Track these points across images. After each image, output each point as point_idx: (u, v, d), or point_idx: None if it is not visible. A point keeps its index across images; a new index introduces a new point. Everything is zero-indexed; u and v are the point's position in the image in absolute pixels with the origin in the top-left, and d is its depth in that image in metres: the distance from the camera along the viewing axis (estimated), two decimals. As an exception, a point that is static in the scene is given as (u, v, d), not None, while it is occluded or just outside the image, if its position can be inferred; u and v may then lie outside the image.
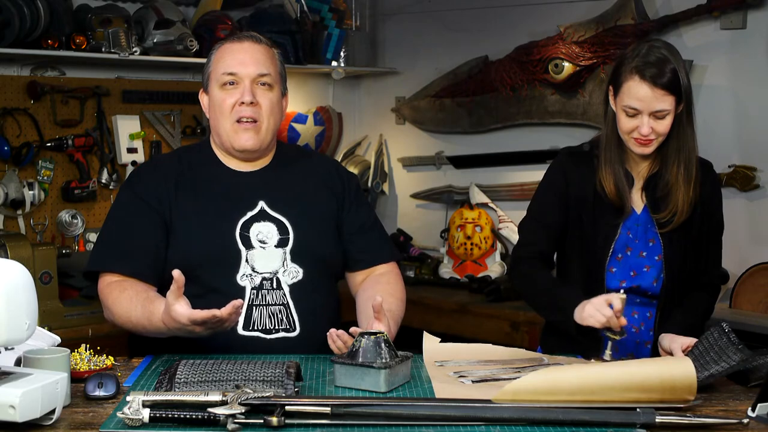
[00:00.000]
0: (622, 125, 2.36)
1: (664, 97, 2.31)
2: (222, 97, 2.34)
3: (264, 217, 2.35)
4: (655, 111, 2.31)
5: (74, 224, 3.95)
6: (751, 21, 3.84)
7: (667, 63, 2.31)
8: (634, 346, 2.44)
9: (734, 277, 3.72)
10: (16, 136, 3.81)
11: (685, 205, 2.39)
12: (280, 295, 2.31)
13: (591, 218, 2.44)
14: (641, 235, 2.44)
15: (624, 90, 2.35)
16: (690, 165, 2.40)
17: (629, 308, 2.42)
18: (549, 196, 2.51)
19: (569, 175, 2.48)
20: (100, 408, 1.82)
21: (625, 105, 2.34)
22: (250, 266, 2.30)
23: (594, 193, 2.44)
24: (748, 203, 3.87)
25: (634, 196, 2.45)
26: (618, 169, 2.42)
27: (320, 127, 4.94)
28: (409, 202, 5.01)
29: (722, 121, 3.93)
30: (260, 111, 2.34)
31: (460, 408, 1.75)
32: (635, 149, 2.38)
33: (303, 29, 4.49)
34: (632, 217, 2.44)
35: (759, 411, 1.78)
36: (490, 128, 4.64)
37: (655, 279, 2.43)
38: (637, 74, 2.32)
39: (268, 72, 2.35)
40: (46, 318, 3.29)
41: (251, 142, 2.34)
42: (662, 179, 2.42)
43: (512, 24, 4.51)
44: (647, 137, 2.33)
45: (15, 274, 1.67)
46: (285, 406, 1.71)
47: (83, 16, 3.84)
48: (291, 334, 2.29)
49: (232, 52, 2.35)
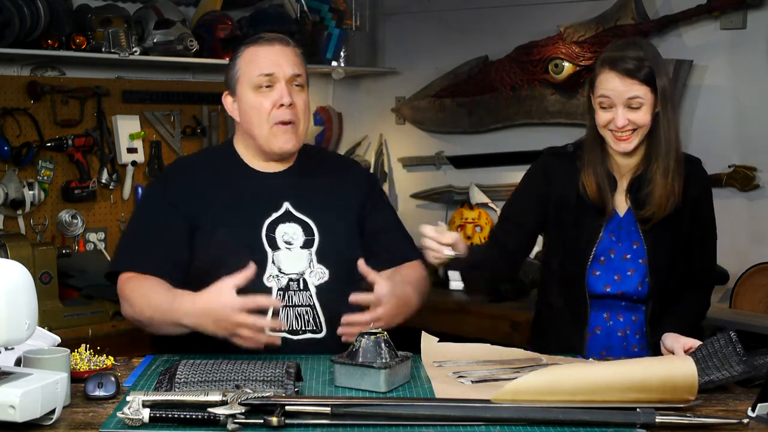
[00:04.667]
0: (599, 119, 2.36)
1: (635, 86, 2.30)
2: (258, 100, 2.34)
3: (289, 218, 2.35)
4: (628, 99, 2.30)
5: (74, 224, 3.95)
6: (751, 21, 3.84)
7: (639, 56, 2.31)
8: (621, 350, 2.42)
9: (734, 277, 3.72)
10: (16, 136, 3.80)
11: (662, 198, 2.35)
12: (306, 296, 2.31)
13: (573, 220, 2.43)
14: (624, 237, 2.41)
15: (597, 84, 2.36)
16: (668, 159, 2.35)
17: (614, 311, 2.42)
18: (526, 196, 2.51)
19: (552, 175, 2.47)
20: (100, 408, 1.82)
21: (599, 97, 2.34)
22: (277, 267, 2.30)
23: (576, 194, 2.42)
24: (748, 203, 3.87)
25: (617, 198, 2.42)
26: (600, 170, 2.40)
27: (320, 127, 4.94)
28: (409, 202, 5.01)
29: (722, 121, 3.93)
30: (297, 112, 2.35)
31: (459, 408, 1.75)
32: (615, 146, 2.36)
33: (303, 29, 4.49)
34: (615, 220, 2.42)
35: (759, 411, 1.78)
36: (490, 128, 4.64)
37: (640, 283, 2.40)
38: (607, 65, 2.33)
39: (300, 73, 2.38)
40: (46, 318, 3.29)
41: (290, 144, 2.35)
42: (645, 178, 2.39)
43: (512, 24, 4.51)
44: (623, 128, 2.31)
45: (15, 274, 1.67)
46: (285, 406, 1.71)
47: (83, 16, 3.84)
48: (318, 335, 2.29)
49: (265, 54, 2.35)
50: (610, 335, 2.43)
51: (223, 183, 2.37)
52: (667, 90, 2.34)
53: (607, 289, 2.41)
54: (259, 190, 2.37)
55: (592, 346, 2.42)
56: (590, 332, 2.43)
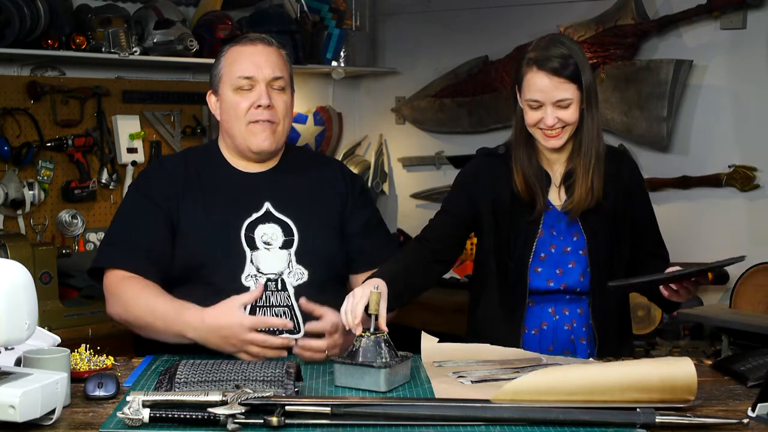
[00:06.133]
0: (528, 119, 2.34)
1: (563, 85, 2.29)
2: (236, 100, 2.34)
3: (269, 218, 2.35)
4: (557, 101, 2.29)
5: (74, 224, 3.95)
6: (751, 21, 3.84)
7: (564, 53, 2.30)
8: (569, 344, 2.41)
9: (734, 277, 3.71)
10: (16, 136, 3.81)
11: (582, 194, 2.35)
12: (284, 297, 2.31)
13: (509, 220, 2.42)
14: (564, 230, 2.40)
15: (524, 84, 2.33)
16: (588, 156, 2.35)
17: (559, 305, 2.42)
18: (458, 193, 2.49)
19: (481, 177, 2.47)
20: (100, 408, 1.82)
21: (528, 99, 2.32)
22: (255, 267, 2.30)
23: (511, 194, 2.41)
24: (748, 203, 3.88)
25: (552, 194, 2.42)
26: (528, 168, 2.39)
27: (320, 127, 4.94)
28: (409, 202, 5.01)
29: (722, 121, 3.94)
30: (276, 113, 2.35)
31: (459, 408, 1.75)
32: (545, 143, 2.35)
33: (303, 29, 4.50)
34: (552, 215, 2.40)
35: (759, 411, 1.78)
36: (490, 128, 4.64)
37: (582, 274, 2.39)
38: (534, 65, 2.30)
39: (282, 75, 2.36)
40: (46, 318, 3.29)
41: (267, 143, 2.35)
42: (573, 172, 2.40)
43: (512, 24, 4.51)
44: (553, 127, 2.31)
45: (15, 274, 1.67)
46: (285, 406, 1.71)
47: (83, 16, 3.84)
48: (296, 335, 2.29)
49: (247, 55, 2.35)
50: (556, 330, 2.41)
51: (204, 183, 2.37)
52: (591, 86, 2.34)
53: (550, 284, 2.40)
54: (240, 189, 2.38)
55: (541, 342, 2.40)
56: (537, 328, 2.41)
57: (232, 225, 2.33)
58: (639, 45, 4.10)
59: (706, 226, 3.97)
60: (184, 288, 2.27)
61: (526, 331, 2.42)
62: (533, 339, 2.41)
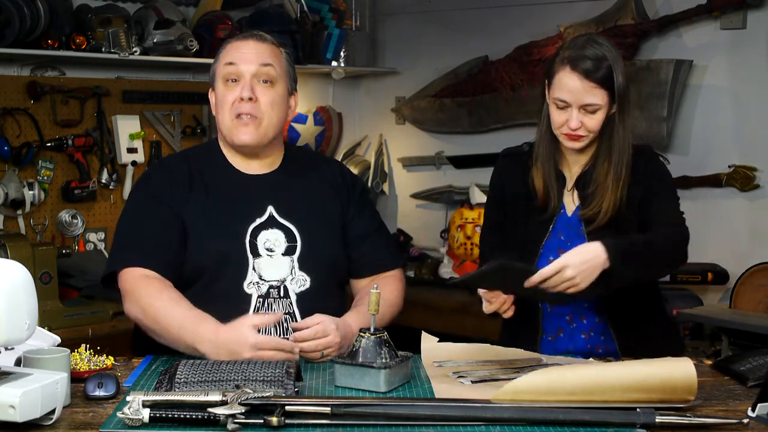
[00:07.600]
0: (553, 119, 2.30)
1: (594, 90, 2.24)
2: (224, 92, 2.34)
3: (272, 224, 2.33)
4: (584, 104, 2.25)
5: (74, 224, 3.95)
6: (751, 21, 3.84)
7: (600, 57, 2.25)
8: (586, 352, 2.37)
9: (734, 277, 3.72)
10: (16, 136, 3.81)
11: (610, 205, 2.30)
12: (286, 304, 2.29)
13: (522, 218, 2.40)
14: (573, 237, 2.35)
15: (555, 82, 2.29)
16: (620, 166, 2.31)
17: (576, 314, 2.38)
18: (490, 202, 2.52)
19: (504, 176, 2.47)
20: (100, 408, 1.82)
21: (555, 97, 2.28)
22: (257, 274, 2.29)
23: (527, 192, 2.39)
24: (748, 203, 3.88)
25: (566, 198, 2.39)
26: (548, 166, 2.36)
27: (320, 127, 4.94)
28: (409, 202, 5.01)
29: (722, 121, 3.94)
30: (259, 107, 2.31)
31: (459, 408, 1.75)
32: (566, 143, 2.32)
33: (303, 29, 4.50)
34: (563, 219, 2.38)
35: (759, 411, 1.78)
36: (490, 128, 4.64)
37: None
38: (568, 65, 2.26)
39: (268, 68, 2.34)
40: (46, 318, 3.29)
41: (249, 137, 2.32)
42: (591, 176, 2.35)
43: (512, 24, 4.51)
44: (576, 131, 2.27)
45: (15, 274, 1.67)
46: (285, 406, 1.71)
47: (83, 16, 3.84)
48: None
49: (236, 49, 2.36)
50: (573, 337, 2.39)
51: (206, 185, 2.35)
52: (624, 92, 2.28)
53: None
54: (243, 192, 2.35)
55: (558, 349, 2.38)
56: (553, 334, 2.41)
57: (236, 231, 2.30)
58: (639, 45, 4.10)
59: (706, 226, 3.96)
60: (185, 294, 2.23)
61: (543, 336, 2.40)
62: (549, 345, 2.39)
